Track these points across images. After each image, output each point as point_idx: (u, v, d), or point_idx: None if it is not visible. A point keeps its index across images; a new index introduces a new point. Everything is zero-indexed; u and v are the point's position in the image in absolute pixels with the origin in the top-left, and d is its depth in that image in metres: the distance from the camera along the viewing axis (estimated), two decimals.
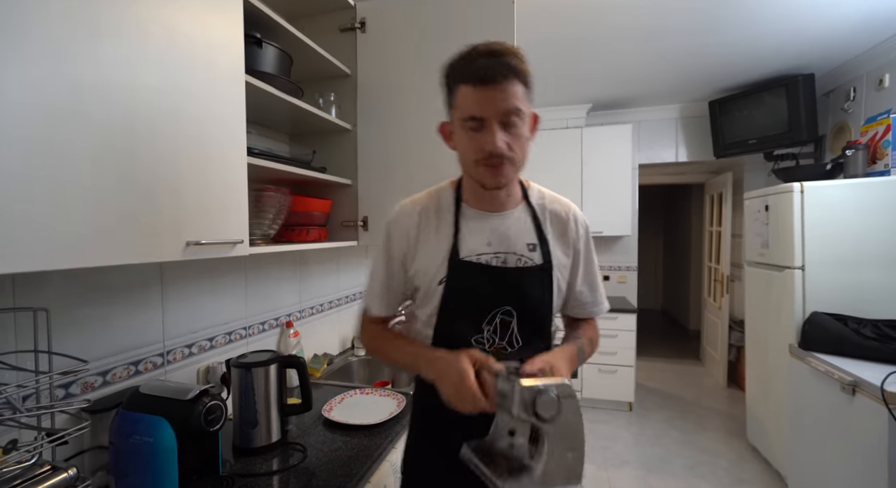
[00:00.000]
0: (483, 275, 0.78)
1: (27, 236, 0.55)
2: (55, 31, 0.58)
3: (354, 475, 0.96)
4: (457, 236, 0.79)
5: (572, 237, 0.85)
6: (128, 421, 0.80)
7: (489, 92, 0.69)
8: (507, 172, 0.74)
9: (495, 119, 0.70)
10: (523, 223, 0.82)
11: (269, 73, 1.14)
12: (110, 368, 0.93)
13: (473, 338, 0.79)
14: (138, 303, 1.01)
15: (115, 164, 0.66)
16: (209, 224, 0.85)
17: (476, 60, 0.70)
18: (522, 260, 0.80)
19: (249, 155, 1.02)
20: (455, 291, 0.78)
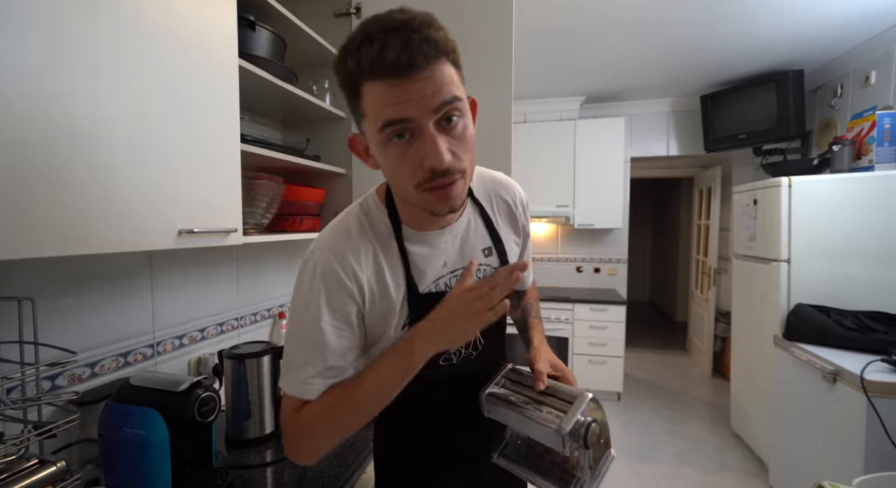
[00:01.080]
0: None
1: (7, 222, 0.52)
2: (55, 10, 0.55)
3: (350, 465, 0.95)
4: (408, 270, 0.63)
5: (521, 221, 0.76)
6: (118, 413, 0.78)
7: (411, 84, 0.49)
8: (460, 190, 0.55)
9: (428, 120, 0.50)
10: (474, 228, 0.69)
11: (263, 58, 1.10)
12: (98, 359, 0.91)
13: (441, 358, 0.68)
14: (127, 294, 0.98)
15: (102, 149, 0.64)
16: (202, 212, 0.83)
17: (378, 42, 0.48)
18: (482, 269, 0.69)
19: (242, 142, 0.99)
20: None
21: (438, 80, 0.50)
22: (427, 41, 0.49)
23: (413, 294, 0.63)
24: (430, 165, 0.51)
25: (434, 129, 0.51)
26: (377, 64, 0.48)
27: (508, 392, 0.67)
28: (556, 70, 2.85)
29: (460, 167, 0.54)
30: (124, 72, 0.67)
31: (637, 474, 2.27)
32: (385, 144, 0.53)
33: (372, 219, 0.65)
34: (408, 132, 0.51)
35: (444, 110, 0.51)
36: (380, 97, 0.50)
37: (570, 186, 3.39)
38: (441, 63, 0.50)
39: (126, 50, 0.67)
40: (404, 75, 0.48)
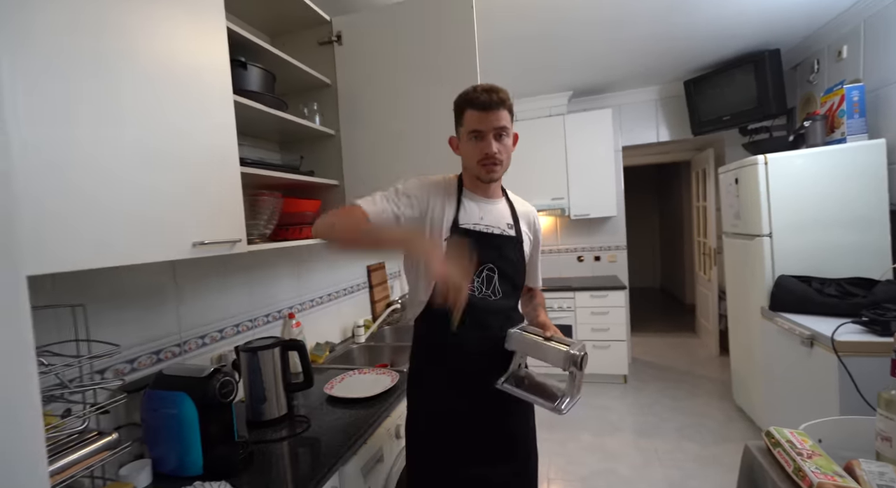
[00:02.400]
0: (475, 237, 1.05)
1: (73, 240, 0.69)
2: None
3: (352, 437, 1.11)
4: (458, 210, 1.07)
5: (534, 228, 1.20)
6: (155, 398, 0.96)
7: (488, 115, 1.00)
8: (497, 171, 1.05)
9: (490, 132, 1.01)
10: (504, 209, 1.14)
11: (256, 91, 1.27)
12: (136, 356, 1.08)
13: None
14: (156, 300, 1.16)
15: (116, 181, 0.80)
16: (211, 226, 0.99)
17: (479, 94, 1.00)
18: (504, 231, 1.10)
19: (243, 165, 1.15)
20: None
21: (500, 117, 1.01)
22: (499, 99, 1.01)
23: (455, 223, 1.05)
24: (486, 151, 1.02)
25: (491, 137, 1.02)
26: (476, 102, 1.01)
27: (526, 332, 1.04)
28: (540, 70, 2.97)
29: (500, 159, 1.03)
30: (139, 115, 0.84)
31: (640, 449, 2.37)
32: (469, 141, 1.04)
33: (449, 183, 1.13)
34: (481, 137, 1.02)
35: (497, 130, 1.02)
36: (473, 117, 1.02)
37: (563, 179, 3.50)
38: (502, 110, 1.01)
39: (136, 94, 0.84)
40: (486, 111, 1.00)
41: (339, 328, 2.05)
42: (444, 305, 0.87)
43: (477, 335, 1.05)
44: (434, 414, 1.08)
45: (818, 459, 0.90)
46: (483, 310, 1.05)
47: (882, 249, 2.05)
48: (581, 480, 2.14)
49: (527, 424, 1.16)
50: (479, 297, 1.05)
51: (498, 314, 1.08)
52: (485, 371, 1.06)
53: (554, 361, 0.95)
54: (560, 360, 0.94)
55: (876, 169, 2.04)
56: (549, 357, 0.96)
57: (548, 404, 0.96)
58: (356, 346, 2.00)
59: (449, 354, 1.07)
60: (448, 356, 1.07)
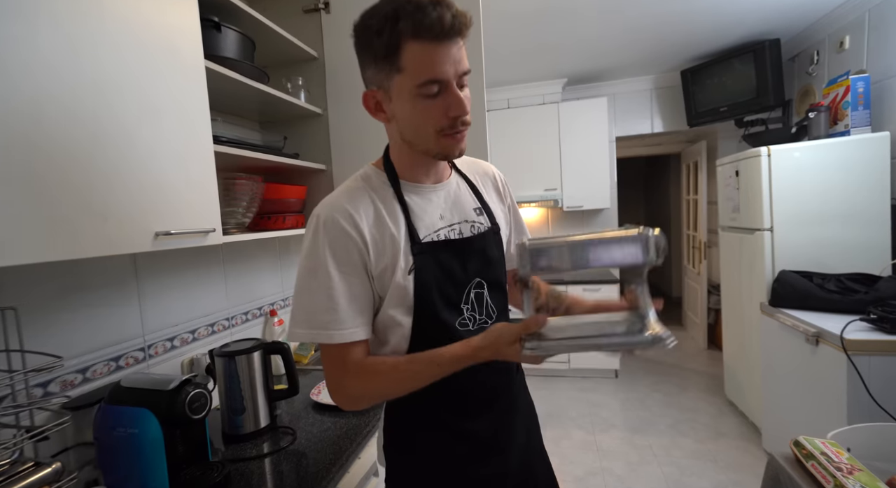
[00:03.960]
0: (447, 250, 0.71)
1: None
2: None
3: (343, 452, 0.98)
4: (408, 217, 0.69)
5: (502, 192, 0.86)
6: (110, 414, 0.81)
7: (450, 49, 0.60)
8: (464, 138, 0.67)
9: (454, 80, 0.62)
10: (463, 191, 0.78)
11: (231, 58, 1.11)
12: (89, 365, 0.93)
13: (457, 321, 0.71)
14: (114, 299, 1.00)
15: (73, 156, 0.65)
16: (179, 214, 0.84)
17: (427, 8, 0.57)
18: (476, 226, 0.75)
19: (217, 143, 1.00)
20: (427, 277, 0.69)
21: (462, 50, 0.62)
22: (463, 17, 0.60)
23: (415, 240, 0.69)
24: (456, 114, 0.63)
25: (453, 87, 0.62)
26: (428, 26, 0.58)
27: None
28: (535, 53, 2.84)
29: (469, 121, 0.66)
30: (88, 77, 0.68)
31: (635, 447, 2.32)
32: (415, 97, 0.62)
33: (370, 181, 0.73)
34: (443, 88, 0.62)
35: (465, 76, 0.64)
36: (424, 55, 0.60)
37: (556, 169, 3.41)
38: (464, 37, 0.62)
39: (88, 54, 0.68)
40: (447, 40, 0.59)
41: None
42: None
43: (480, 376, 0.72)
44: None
45: (860, 475, 0.83)
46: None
47: (882, 245, 2.02)
48: (577, 480, 2.08)
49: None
50: (474, 330, 0.72)
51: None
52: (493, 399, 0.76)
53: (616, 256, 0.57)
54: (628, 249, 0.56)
55: (879, 162, 2.00)
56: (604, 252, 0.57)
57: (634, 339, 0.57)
58: None
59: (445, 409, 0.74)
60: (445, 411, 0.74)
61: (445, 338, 0.69)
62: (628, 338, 0.57)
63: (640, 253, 0.56)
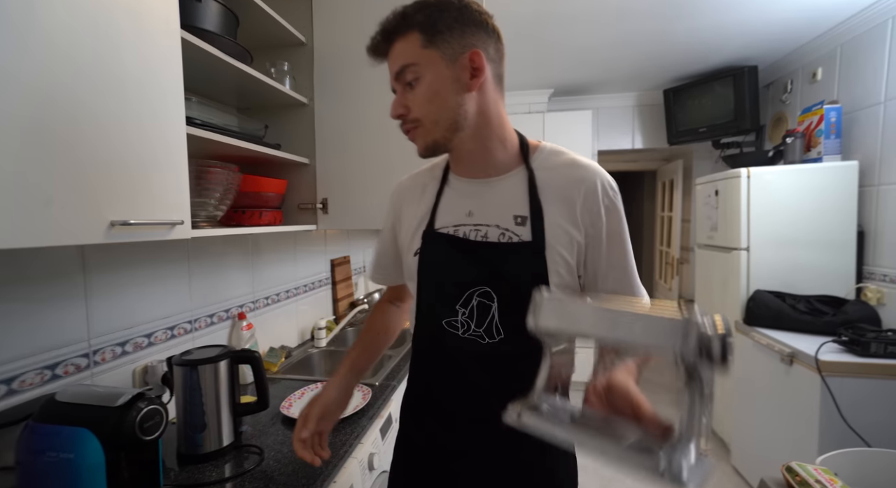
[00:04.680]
0: (455, 247, 0.69)
1: None
2: None
3: (318, 476, 0.88)
4: (436, 206, 0.74)
5: (589, 209, 0.68)
6: (40, 435, 0.68)
7: (388, 61, 0.69)
8: (420, 136, 0.67)
9: (394, 81, 0.68)
10: (514, 191, 0.69)
11: (211, 32, 1.00)
12: (17, 374, 0.79)
13: (445, 320, 0.70)
14: (54, 296, 0.86)
15: (13, 125, 0.53)
16: (140, 202, 0.73)
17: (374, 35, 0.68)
18: (506, 234, 0.68)
19: (189, 125, 0.89)
20: (427, 264, 0.73)
21: (397, 54, 0.66)
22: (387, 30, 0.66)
23: (430, 227, 0.73)
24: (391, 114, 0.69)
25: (400, 91, 0.68)
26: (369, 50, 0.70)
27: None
28: (523, 60, 2.82)
29: (412, 117, 0.67)
30: (36, 34, 0.56)
31: None
32: None
33: (434, 168, 0.80)
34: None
35: (399, 77, 0.67)
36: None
37: None
38: (403, 39, 0.65)
39: (40, 10, 0.56)
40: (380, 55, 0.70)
41: (296, 330, 1.79)
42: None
43: (460, 397, 0.72)
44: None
45: None
46: (467, 358, 0.69)
47: (847, 269, 2.10)
48: None
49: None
50: (463, 337, 0.68)
51: (493, 366, 0.68)
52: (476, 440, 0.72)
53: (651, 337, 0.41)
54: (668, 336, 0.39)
55: (848, 189, 2.08)
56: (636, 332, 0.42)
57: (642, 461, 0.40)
58: (316, 351, 1.74)
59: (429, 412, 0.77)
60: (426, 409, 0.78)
61: (435, 330, 0.72)
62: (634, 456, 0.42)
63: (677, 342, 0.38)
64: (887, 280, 1.98)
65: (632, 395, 0.47)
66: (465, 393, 0.72)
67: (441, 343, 0.71)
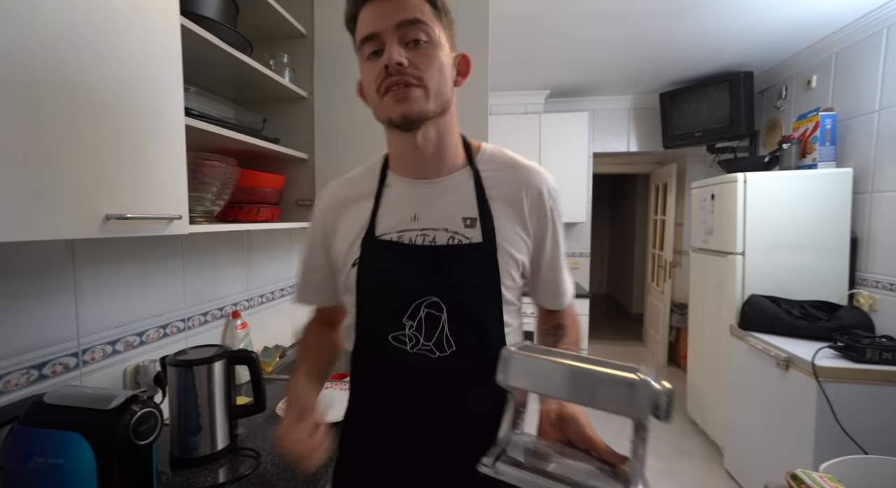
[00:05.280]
0: (399, 255, 0.64)
1: None
2: None
3: (318, 481, 0.85)
4: (376, 210, 0.67)
5: (536, 211, 0.67)
6: (27, 439, 0.64)
7: (384, 5, 0.58)
8: (415, 96, 0.59)
9: (391, 33, 0.58)
10: (461, 192, 0.66)
11: (211, 19, 0.96)
12: (2, 374, 0.74)
13: (392, 334, 0.64)
14: (41, 292, 0.81)
15: (9, 112, 0.50)
16: (137, 195, 0.69)
17: None
18: (455, 237, 0.64)
19: (187, 115, 0.85)
20: (368, 276, 0.66)
21: (408, 4, 0.58)
22: None
23: (369, 234, 0.66)
24: (384, 62, 0.58)
25: (395, 41, 0.58)
26: None
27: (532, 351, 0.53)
28: (520, 61, 2.81)
29: (416, 74, 0.59)
30: (28, 10, 0.53)
31: None
32: (364, 63, 0.62)
33: (372, 165, 0.73)
34: (379, 47, 0.59)
35: (406, 29, 0.58)
36: (363, 18, 0.60)
37: None
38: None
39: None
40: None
41: (291, 329, 1.75)
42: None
43: (416, 421, 0.66)
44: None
45: None
46: (418, 376, 0.64)
47: (841, 275, 2.13)
48: None
49: None
50: (412, 352, 0.63)
51: (444, 383, 0.63)
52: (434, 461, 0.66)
53: (608, 400, 0.47)
54: (624, 398, 0.46)
55: (842, 196, 2.11)
56: (596, 394, 0.48)
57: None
58: None
59: (377, 439, 0.69)
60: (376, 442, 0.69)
61: (379, 347, 0.65)
62: None
63: (632, 404, 0.45)
64: (879, 286, 2.01)
65: (583, 429, 0.54)
66: (420, 414, 0.66)
67: (388, 360, 0.65)
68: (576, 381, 0.48)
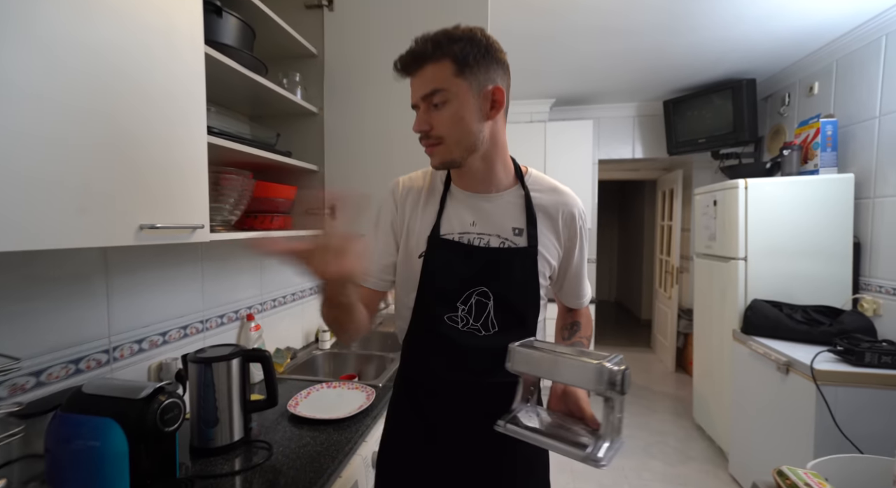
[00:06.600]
0: (459, 252, 0.79)
1: None
2: None
3: (324, 471, 0.92)
4: (440, 214, 0.81)
5: (569, 226, 0.83)
6: (68, 424, 0.72)
7: (414, 81, 0.74)
8: (439, 153, 0.75)
9: (420, 102, 0.73)
10: (512, 206, 0.81)
11: (230, 46, 1.05)
12: (45, 367, 0.83)
13: (447, 315, 0.79)
14: (78, 295, 0.90)
15: (63, 136, 0.58)
16: (166, 206, 0.78)
17: (402, 54, 0.73)
18: (506, 243, 0.79)
19: (209, 134, 0.94)
20: (432, 266, 0.79)
21: (428, 77, 0.71)
22: (421, 53, 0.71)
23: (434, 233, 0.80)
24: (414, 131, 0.75)
25: (424, 109, 0.74)
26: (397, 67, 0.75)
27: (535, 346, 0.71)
28: (526, 73, 2.89)
29: (435, 135, 0.73)
30: (80, 52, 0.61)
31: (607, 468, 2.32)
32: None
33: (434, 175, 0.86)
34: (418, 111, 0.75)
35: (429, 98, 0.72)
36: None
37: None
38: (435, 65, 0.71)
39: (85, 29, 0.62)
40: (407, 74, 0.75)
41: (301, 332, 1.83)
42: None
43: (459, 381, 0.80)
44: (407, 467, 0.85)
45: None
46: (466, 349, 0.78)
47: (844, 280, 2.13)
48: None
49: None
50: (462, 331, 0.78)
51: (487, 355, 0.77)
52: (472, 423, 0.80)
53: (580, 380, 0.65)
54: (590, 379, 0.62)
55: (844, 201, 2.12)
56: (571, 375, 0.65)
57: (576, 452, 0.63)
58: (320, 353, 1.78)
59: (425, 401, 0.83)
60: (424, 403, 0.83)
61: (435, 324, 0.79)
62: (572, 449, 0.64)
63: (595, 383, 0.62)
64: (883, 291, 2.02)
65: (581, 402, 0.72)
66: (465, 376, 0.80)
67: (441, 335, 0.79)
68: (557, 366, 0.66)
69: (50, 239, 0.58)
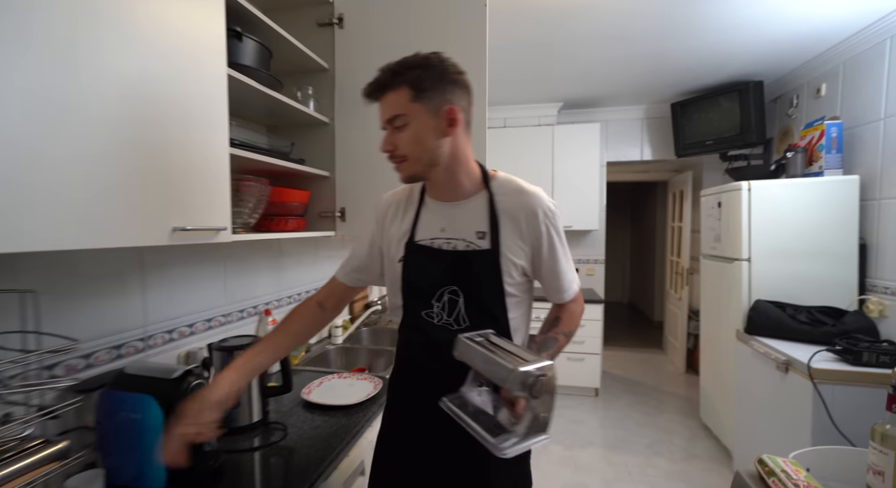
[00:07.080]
0: (431, 256, 0.88)
1: (20, 217, 0.58)
2: (55, 24, 0.61)
3: (333, 449, 1.02)
4: (415, 223, 0.92)
5: (532, 226, 0.86)
6: (114, 400, 0.84)
7: (379, 107, 0.83)
8: (404, 169, 0.84)
9: (385, 126, 0.83)
10: (476, 212, 0.88)
11: (250, 67, 1.17)
12: (93, 351, 0.96)
13: (424, 311, 0.89)
14: (119, 288, 1.03)
15: (112, 152, 0.70)
16: (194, 211, 0.89)
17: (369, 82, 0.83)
18: (471, 246, 0.86)
19: (231, 145, 1.05)
20: (409, 269, 0.90)
21: (389, 103, 0.81)
22: (381, 82, 0.81)
23: (410, 239, 0.90)
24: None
25: (389, 131, 0.83)
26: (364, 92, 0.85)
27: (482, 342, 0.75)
28: (534, 78, 2.96)
29: (399, 154, 0.82)
30: (127, 76, 0.73)
31: (611, 464, 2.37)
32: None
33: (413, 189, 0.96)
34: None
35: (392, 122, 0.81)
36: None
37: (548, 189, 3.49)
38: (395, 92, 0.79)
39: (127, 58, 0.73)
40: (373, 100, 0.84)
41: None
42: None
43: (436, 370, 0.88)
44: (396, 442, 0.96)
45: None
46: (440, 341, 0.84)
47: (850, 281, 2.14)
48: None
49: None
50: (437, 325, 0.88)
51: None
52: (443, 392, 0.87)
53: (500, 379, 0.67)
54: (506, 379, 0.65)
55: (849, 203, 2.13)
56: (495, 373, 0.68)
57: (487, 438, 0.68)
58: (333, 348, 1.89)
59: (410, 388, 0.94)
60: (409, 389, 0.94)
61: (415, 320, 0.90)
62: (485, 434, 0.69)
63: (510, 383, 0.65)
64: (889, 292, 2.02)
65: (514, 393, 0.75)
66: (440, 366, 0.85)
67: (421, 329, 0.90)
68: (486, 363, 0.70)
69: (103, 239, 0.69)
